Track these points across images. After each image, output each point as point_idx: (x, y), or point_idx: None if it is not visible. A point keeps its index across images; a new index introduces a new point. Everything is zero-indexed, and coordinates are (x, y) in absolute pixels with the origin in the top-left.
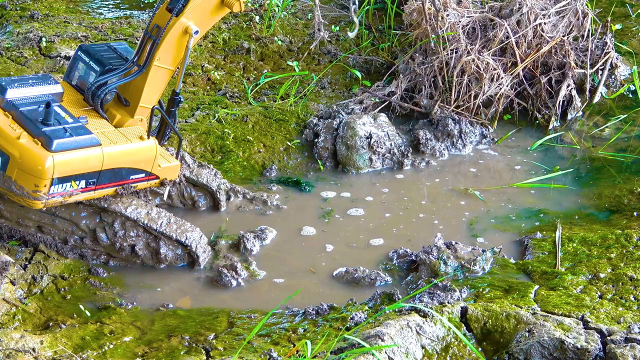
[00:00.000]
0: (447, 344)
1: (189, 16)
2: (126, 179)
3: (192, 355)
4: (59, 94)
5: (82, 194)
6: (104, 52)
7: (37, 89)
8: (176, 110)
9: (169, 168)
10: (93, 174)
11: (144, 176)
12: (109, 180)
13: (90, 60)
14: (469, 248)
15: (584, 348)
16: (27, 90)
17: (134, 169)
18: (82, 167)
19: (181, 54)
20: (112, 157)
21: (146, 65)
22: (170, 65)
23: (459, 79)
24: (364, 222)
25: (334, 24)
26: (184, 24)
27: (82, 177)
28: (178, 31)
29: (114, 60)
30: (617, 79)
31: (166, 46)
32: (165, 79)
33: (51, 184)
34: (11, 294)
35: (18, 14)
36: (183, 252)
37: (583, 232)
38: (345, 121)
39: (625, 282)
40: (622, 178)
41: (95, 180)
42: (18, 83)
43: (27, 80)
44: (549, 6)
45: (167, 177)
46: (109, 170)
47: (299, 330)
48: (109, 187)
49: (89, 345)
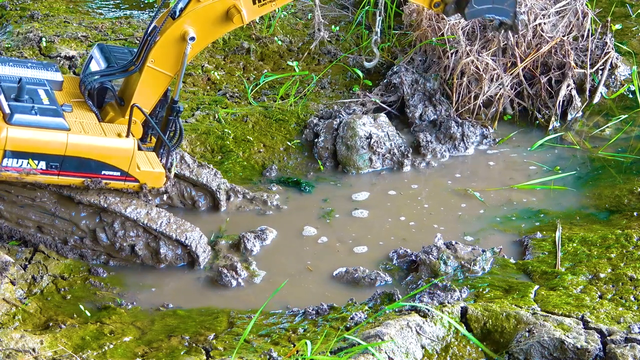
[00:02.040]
0: (447, 344)
1: (188, 22)
2: (96, 173)
3: (192, 355)
4: (57, 82)
5: (43, 175)
6: (118, 53)
7: (32, 71)
8: (176, 119)
9: (151, 174)
10: (55, 158)
11: (119, 175)
12: (76, 170)
13: (101, 57)
14: (469, 248)
15: (584, 348)
16: (19, 71)
17: (107, 165)
18: (40, 147)
19: (179, 61)
20: (77, 146)
21: (139, 65)
22: (167, 70)
23: (459, 80)
24: (364, 222)
25: (334, 24)
26: (182, 28)
27: (42, 158)
28: (175, 35)
29: (124, 62)
30: (617, 79)
31: (162, 48)
32: (161, 84)
33: (4, 156)
34: (11, 294)
35: (18, 14)
36: (183, 252)
37: (583, 232)
38: (346, 121)
39: (625, 282)
40: (622, 178)
41: (58, 165)
42: (14, 63)
43: (26, 63)
44: (549, 6)
45: (148, 182)
46: (74, 158)
47: (299, 330)
48: (75, 177)
49: (89, 345)
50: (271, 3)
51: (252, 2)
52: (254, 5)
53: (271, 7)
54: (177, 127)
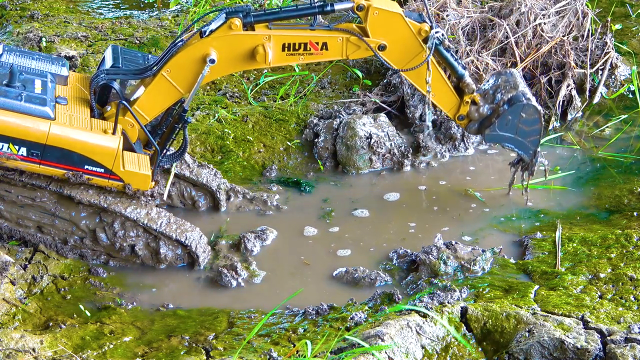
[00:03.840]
0: (447, 344)
1: (214, 44)
2: (79, 167)
3: (192, 355)
4: (62, 77)
5: (24, 162)
6: (129, 55)
7: (37, 63)
8: (183, 129)
9: (135, 175)
10: (36, 145)
11: (103, 172)
12: (57, 160)
13: (112, 56)
14: (469, 248)
15: (584, 348)
16: (24, 61)
17: (90, 159)
18: (20, 133)
19: (193, 80)
20: (59, 136)
21: (154, 70)
22: (178, 85)
23: None
24: (364, 222)
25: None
26: (206, 49)
27: (23, 144)
28: (197, 53)
29: (132, 65)
30: (617, 79)
31: (180, 62)
32: (168, 97)
33: None
34: (11, 294)
35: (18, 14)
36: (183, 252)
37: (583, 232)
38: (346, 121)
39: (625, 282)
40: (622, 178)
41: (39, 153)
42: (20, 53)
43: (34, 55)
44: (549, 6)
45: (132, 183)
46: (55, 149)
47: (299, 330)
48: (57, 168)
49: (89, 345)
50: (299, 56)
51: (282, 48)
52: (282, 52)
53: (298, 59)
54: (183, 138)
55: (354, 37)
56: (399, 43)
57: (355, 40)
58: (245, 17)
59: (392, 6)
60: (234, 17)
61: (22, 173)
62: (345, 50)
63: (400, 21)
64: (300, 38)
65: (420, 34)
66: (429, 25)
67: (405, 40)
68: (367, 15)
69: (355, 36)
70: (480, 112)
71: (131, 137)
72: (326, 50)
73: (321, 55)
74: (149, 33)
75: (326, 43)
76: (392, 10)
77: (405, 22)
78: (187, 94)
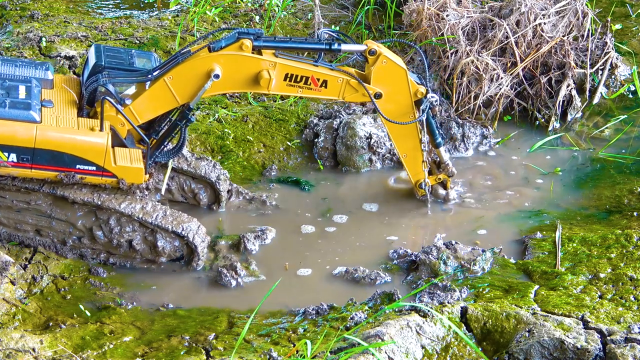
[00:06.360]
0: (447, 344)
1: (221, 61)
2: (71, 167)
3: (192, 355)
4: (47, 81)
5: (15, 168)
6: (112, 52)
7: (21, 69)
8: (184, 127)
9: (128, 169)
10: (25, 150)
11: (94, 169)
12: (48, 163)
13: (95, 55)
14: (469, 248)
15: (584, 348)
16: (7, 69)
17: (80, 159)
18: (7, 139)
19: (193, 93)
20: (47, 138)
21: (156, 75)
22: (177, 95)
23: (459, 80)
24: (363, 222)
25: (334, 24)
26: (212, 64)
27: (12, 150)
28: (203, 66)
29: (115, 62)
30: (617, 79)
31: (184, 71)
32: (165, 104)
33: None
34: (11, 294)
35: (18, 14)
36: (181, 243)
37: (583, 232)
38: (345, 121)
39: (625, 282)
40: (622, 178)
41: (29, 157)
42: (2, 61)
43: (16, 62)
44: (549, 6)
45: (126, 178)
46: (45, 151)
47: (299, 330)
48: (49, 170)
49: (89, 345)
50: (298, 89)
51: (284, 77)
52: (283, 81)
53: (297, 92)
54: (182, 135)
55: (354, 81)
56: (395, 95)
57: (355, 84)
58: (255, 40)
59: (399, 60)
60: (245, 37)
61: (15, 177)
62: (342, 91)
63: (403, 76)
64: (304, 71)
65: (416, 95)
66: (426, 89)
67: (402, 95)
68: (375, 61)
69: (356, 80)
70: (446, 197)
71: (121, 134)
72: (325, 88)
73: (319, 92)
74: (149, 33)
75: (326, 81)
76: (399, 64)
77: (408, 78)
78: (182, 105)
